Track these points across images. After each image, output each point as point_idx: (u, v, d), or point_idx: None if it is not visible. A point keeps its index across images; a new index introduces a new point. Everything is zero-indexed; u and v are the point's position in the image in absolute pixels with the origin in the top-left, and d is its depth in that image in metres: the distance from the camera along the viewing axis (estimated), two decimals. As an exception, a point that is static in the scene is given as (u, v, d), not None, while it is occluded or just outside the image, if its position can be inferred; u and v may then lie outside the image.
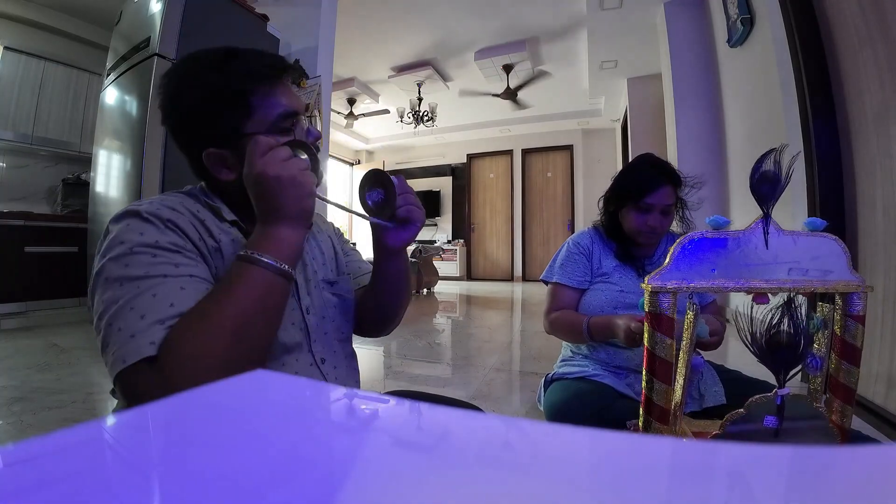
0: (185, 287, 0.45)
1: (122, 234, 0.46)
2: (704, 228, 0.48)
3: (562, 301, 1.05)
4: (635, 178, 1.00)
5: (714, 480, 0.18)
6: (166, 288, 0.44)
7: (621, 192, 1.02)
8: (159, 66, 1.92)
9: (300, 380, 0.27)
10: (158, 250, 0.46)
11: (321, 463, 0.18)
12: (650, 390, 0.49)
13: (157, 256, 0.45)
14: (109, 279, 0.44)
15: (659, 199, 0.96)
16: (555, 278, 1.06)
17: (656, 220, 0.97)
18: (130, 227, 0.47)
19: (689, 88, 3.04)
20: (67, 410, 1.38)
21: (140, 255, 0.45)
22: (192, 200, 0.55)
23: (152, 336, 0.41)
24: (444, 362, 2.16)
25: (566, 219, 6.73)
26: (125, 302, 0.43)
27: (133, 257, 0.45)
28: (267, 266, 0.46)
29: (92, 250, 2.36)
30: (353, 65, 4.66)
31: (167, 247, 0.46)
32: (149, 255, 0.45)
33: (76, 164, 3.31)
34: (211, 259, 0.51)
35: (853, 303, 0.48)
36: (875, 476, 0.17)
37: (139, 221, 0.47)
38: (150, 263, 0.45)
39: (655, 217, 0.97)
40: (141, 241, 0.46)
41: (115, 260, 0.45)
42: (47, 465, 0.15)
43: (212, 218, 0.54)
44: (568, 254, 1.07)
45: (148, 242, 0.46)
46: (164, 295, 0.43)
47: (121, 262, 0.45)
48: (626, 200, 1.00)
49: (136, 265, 0.44)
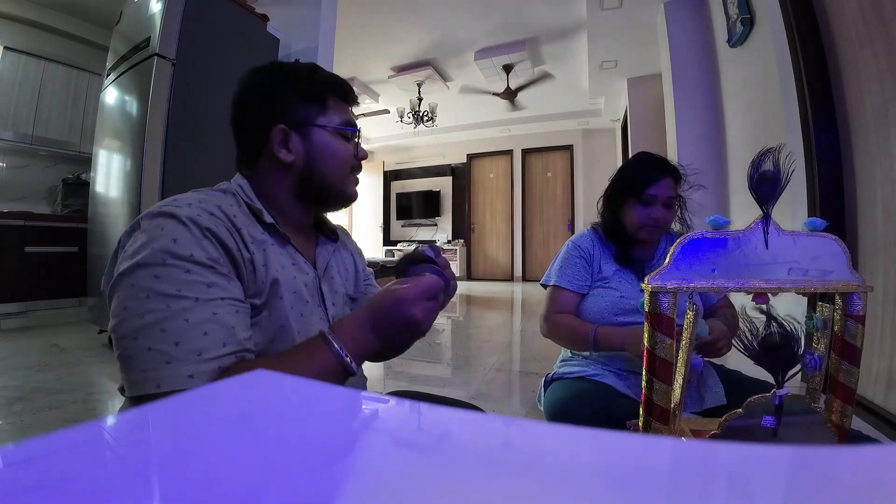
0: (216, 312, 0.45)
1: (154, 237, 0.45)
2: (704, 228, 0.49)
3: (561, 304, 1.03)
4: (635, 173, 1.01)
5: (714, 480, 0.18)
6: (198, 313, 0.43)
7: (622, 187, 1.02)
8: (159, 66, 1.92)
9: (300, 380, 0.27)
10: (192, 265, 0.45)
11: (321, 463, 0.18)
12: (650, 390, 0.49)
13: (190, 273, 0.44)
14: (136, 287, 0.43)
15: (661, 191, 0.96)
16: (553, 281, 1.05)
17: (659, 212, 0.97)
18: (165, 232, 0.45)
19: (689, 88, 3.04)
20: (67, 410, 1.38)
21: (172, 268, 0.44)
22: (230, 200, 0.55)
23: (190, 368, 0.42)
24: (444, 362, 2.16)
25: (566, 219, 6.73)
26: (155, 321, 0.42)
27: (165, 269, 0.43)
28: (334, 353, 0.47)
29: (92, 250, 2.36)
30: (353, 65, 4.65)
31: (202, 261, 0.45)
32: (181, 269, 0.44)
33: (76, 164, 3.31)
34: (244, 271, 0.50)
35: (853, 303, 0.48)
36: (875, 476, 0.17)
37: (175, 225, 0.46)
38: (182, 281, 0.44)
39: (658, 209, 0.97)
40: (174, 251, 0.44)
41: (145, 267, 0.43)
42: (47, 465, 0.15)
43: (248, 223, 0.54)
44: (568, 256, 1.06)
45: (182, 255, 0.44)
46: (197, 322, 0.43)
47: (150, 271, 0.43)
48: (627, 195, 1.00)
49: (167, 279, 0.43)
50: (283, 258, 0.56)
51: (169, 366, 0.41)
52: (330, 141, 0.59)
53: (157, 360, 0.41)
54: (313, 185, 0.59)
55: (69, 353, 2.09)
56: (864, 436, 0.68)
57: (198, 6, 2.04)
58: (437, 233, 7.49)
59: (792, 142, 1.67)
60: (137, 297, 0.43)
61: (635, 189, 0.98)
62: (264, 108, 0.58)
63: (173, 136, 1.95)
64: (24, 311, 2.67)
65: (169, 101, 1.94)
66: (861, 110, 1.39)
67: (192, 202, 0.49)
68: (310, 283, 0.59)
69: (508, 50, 4.24)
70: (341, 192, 0.62)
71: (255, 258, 0.52)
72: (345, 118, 0.61)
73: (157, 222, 0.46)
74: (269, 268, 0.52)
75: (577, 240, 1.09)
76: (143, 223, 0.47)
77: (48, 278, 2.76)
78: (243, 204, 0.56)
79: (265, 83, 0.59)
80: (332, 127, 0.59)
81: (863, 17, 1.34)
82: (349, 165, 0.62)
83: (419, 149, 7.70)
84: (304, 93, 0.58)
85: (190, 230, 0.46)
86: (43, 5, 3.18)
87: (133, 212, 1.92)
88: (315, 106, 0.59)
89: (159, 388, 0.41)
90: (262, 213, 0.55)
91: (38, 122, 3.08)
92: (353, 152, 0.63)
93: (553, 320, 1.03)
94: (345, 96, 0.62)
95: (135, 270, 0.44)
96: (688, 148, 3.04)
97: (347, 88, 0.63)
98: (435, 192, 7.44)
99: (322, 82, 0.60)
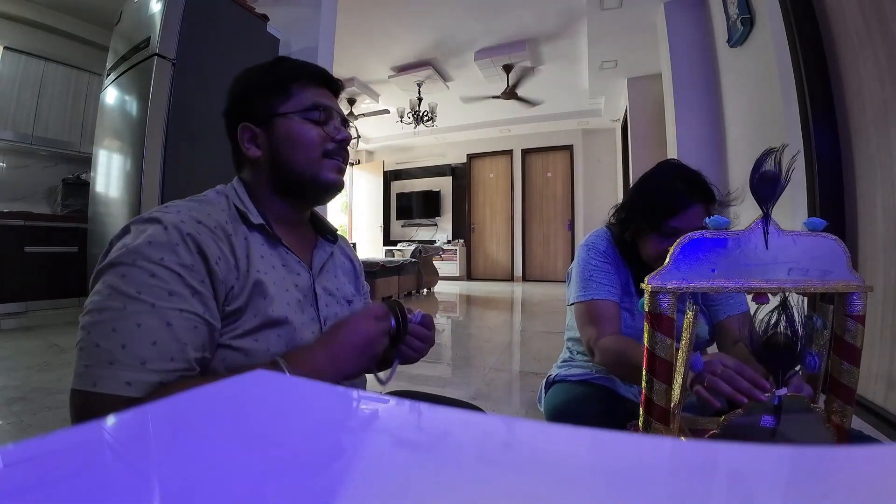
0: (171, 322, 0.43)
1: (133, 238, 0.46)
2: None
3: (607, 321, 0.84)
4: (662, 197, 0.82)
5: (714, 480, 0.18)
6: (152, 320, 0.43)
7: (643, 212, 0.84)
8: (159, 66, 1.92)
9: (300, 380, 0.27)
10: (159, 268, 0.44)
11: (321, 463, 0.18)
12: (650, 390, 0.49)
13: (154, 277, 0.44)
14: (104, 283, 0.44)
15: (687, 222, 0.78)
16: (589, 296, 0.87)
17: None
18: (144, 234, 0.46)
19: (689, 88, 3.04)
20: (67, 410, 1.37)
21: (138, 269, 0.44)
22: (223, 205, 0.55)
23: (130, 375, 0.41)
24: (444, 362, 2.16)
25: (566, 219, 6.73)
26: (108, 318, 0.42)
27: (131, 269, 0.43)
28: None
29: (92, 250, 2.36)
30: (353, 65, 4.65)
31: (170, 267, 0.45)
32: (147, 272, 0.44)
33: (76, 164, 3.31)
34: (224, 277, 0.49)
35: (853, 303, 0.48)
36: (875, 476, 0.17)
37: (156, 229, 0.46)
38: (144, 284, 0.43)
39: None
40: (145, 252, 0.44)
41: (114, 266, 0.44)
42: (47, 465, 0.15)
43: (239, 228, 0.54)
44: (595, 264, 0.91)
45: (151, 257, 0.44)
46: (149, 328, 0.42)
47: (119, 269, 0.44)
48: (646, 223, 0.83)
49: (130, 280, 0.43)
50: (273, 259, 0.56)
51: (110, 367, 0.41)
52: (292, 127, 0.57)
53: (100, 358, 0.41)
54: (283, 176, 0.58)
55: (69, 353, 2.09)
56: (864, 436, 0.67)
57: (198, 6, 2.04)
58: (437, 233, 7.49)
59: (792, 142, 1.67)
60: (102, 293, 0.43)
61: (656, 217, 0.81)
62: (232, 110, 0.59)
63: (173, 136, 1.95)
64: (24, 311, 2.67)
65: (169, 101, 1.94)
66: (861, 110, 1.39)
67: (182, 209, 0.49)
68: (302, 284, 0.58)
69: (508, 50, 4.24)
70: (314, 179, 0.58)
71: (239, 263, 0.51)
72: (312, 101, 0.58)
73: (142, 227, 0.47)
74: (252, 269, 0.52)
75: (595, 242, 0.94)
76: (130, 226, 0.48)
77: (48, 278, 2.76)
78: (233, 207, 0.55)
79: (233, 88, 0.60)
80: (293, 112, 0.57)
81: (863, 17, 1.34)
82: (318, 148, 0.58)
83: (419, 149, 7.70)
84: (266, 85, 0.58)
85: (168, 234, 0.46)
86: (43, 5, 3.18)
87: (133, 212, 1.92)
88: (277, 96, 0.57)
89: (95, 386, 0.41)
90: (249, 215, 0.55)
91: (38, 122, 3.08)
92: (324, 134, 0.59)
93: (606, 348, 0.79)
94: (314, 79, 0.60)
95: (107, 268, 0.44)
96: (688, 148, 3.04)
97: (312, 70, 0.60)
98: (435, 192, 7.44)
99: (285, 70, 0.59)
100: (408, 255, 5.69)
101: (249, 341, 0.50)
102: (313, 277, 0.60)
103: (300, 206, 0.63)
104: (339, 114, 0.61)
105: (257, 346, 0.50)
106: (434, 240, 7.34)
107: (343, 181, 0.62)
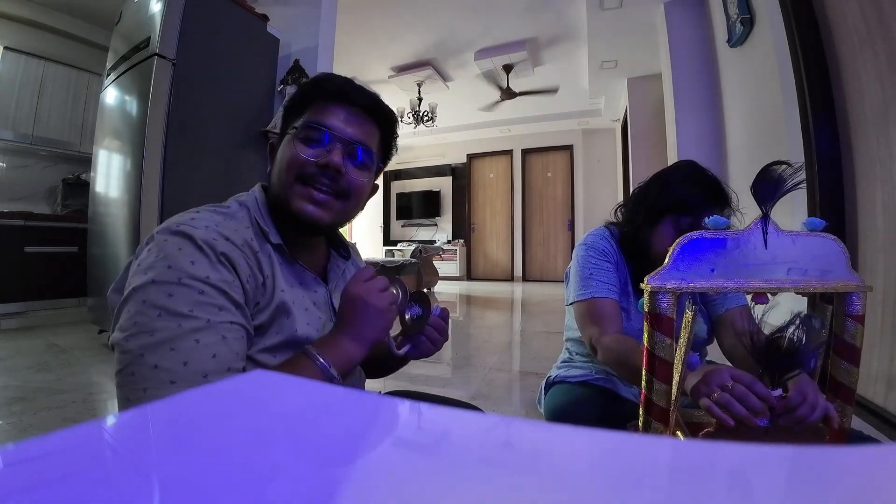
0: (226, 336, 0.45)
1: (171, 256, 0.44)
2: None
3: (608, 319, 0.84)
4: (679, 192, 0.82)
5: (714, 480, 0.18)
6: (210, 335, 0.43)
7: (661, 203, 0.84)
8: (159, 66, 1.92)
9: (300, 380, 0.27)
10: (207, 286, 0.44)
11: (321, 463, 0.18)
12: (650, 390, 0.49)
13: (203, 294, 0.44)
14: (148, 303, 0.42)
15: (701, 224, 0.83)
16: (589, 294, 0.86)
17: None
18: (182, 253, 0.45)
19: (689, 88, 3.04)
20: (67, 410, 1.38)
21: (187, 287, 0.43)
22: (246, 220, 0.54)
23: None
24: (444, 362, 2.16)
25: (566, 219, 6.72)
26: (164, 339, 0.41)
27: (179, 288, 0.43)
28: (321, 368, 0.49)
29: (92, 250, 2.35)
30: (353, 65, 4.65)
31: (216, 284, 0.45)
32: (196, 290, 0.44)
33: (76, 164, 3.31)
34: (253, 295, 0.50)
35: (852, 303, 0.48)
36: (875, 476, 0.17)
37: (192, 249, 0.45)
38: (195, 302, 0.43)
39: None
40: (191, 272, 0.44)
41: (159, 285, 0.43)
42: (47, 465, 0.15)
43: (264, 246, 0.54)
44: (595, 262, 0.90)
45: (198, 276, 0.44)
46: (207, 344, 0.43)
47: (164, 288, 0.43)
48: (663, 214, 0.83)
49: (181, 299, 0.43)
50: (290, 277, 0.56)
51: (172, 386, 0.40)
52: (282, 145, 0.56)
53: (160, 379, 0.40)
54: (273, 198, 0.57)
55: (69, 353, 2.09)
56: (864, 436, 0.67)
57: (198, 6, 2.04)
58: (437, 233, 7.49)
59: (792, 142, 1.67)
60: (148, 314, 0.42)
61: (672, 210, 0.82)
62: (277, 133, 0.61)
63: (173, 136, 1.95)
64: (24, 311, 2.67)
65: (169, 101, 1.94)
66: (861, 110, 1.39)
67: (209, 223, 0.48)
68: (319, 301, 0.59)
69: (508, 50, 4.24)
70: (285, 206, 0.54)
71: (266, 281, 0.52)
72: (310, 119, 0.54)
73: (175, 241, 0.46)
74: (276, 289, 0.53)
75: (594, 241, 0.93)
76: (158, 237, 0.46)
77: (48, 278, 2.76)
78: (255, 223, 0.55)
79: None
80: (292, 129, 0.55)
81: (863, 18, 1.34)
82: (293, 171, 0.53)
83: (419, 149, 7.70)
84: (293, 101, 0.58)
85: (206, 255, 0.46)
86: (43, 5, 3.17)
87: (133, 212, 1.91)
88: (295, 115, 0.57)
89: None
90: (269, 234, 0.54)
91: (38, 122, 3.08)
92: (302, 157, 0.52)
93: (609, 348, 0.79)
94: (323, 95, 0.55)
95: (148, 287, 0.43)
96: (688, 148, 3.04)
97: (328, 86, 0.55)
98: (435, 192, 7.44)
99: (306, 85, 0.58)
100: (408, 255, 5.69)
101: (267, 356, 0.51)
102: (329, 293, 0.62)
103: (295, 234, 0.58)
104: (342, 136, 0.54)
105: (275, 361, 0.51)
106: (434, 240, 7.34)
107: (319, 215, 0.54)
